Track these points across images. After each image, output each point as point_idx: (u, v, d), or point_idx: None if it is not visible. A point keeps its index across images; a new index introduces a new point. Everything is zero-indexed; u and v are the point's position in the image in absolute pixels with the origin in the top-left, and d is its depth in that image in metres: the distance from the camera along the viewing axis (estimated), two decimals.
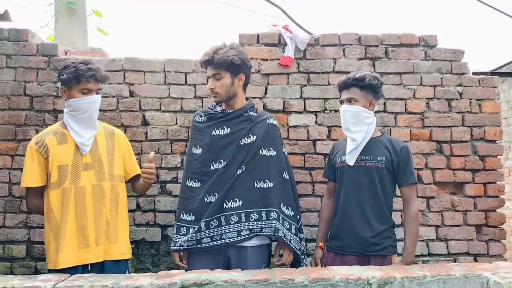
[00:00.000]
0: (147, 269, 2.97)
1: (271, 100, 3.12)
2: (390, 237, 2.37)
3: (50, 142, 2.24)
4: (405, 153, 2.39)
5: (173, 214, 3.01)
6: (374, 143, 2.40)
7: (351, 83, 2.38)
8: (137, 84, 3.09)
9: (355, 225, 2.34)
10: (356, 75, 2.38)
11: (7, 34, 3.05)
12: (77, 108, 2.25)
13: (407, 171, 2.39)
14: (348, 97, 2.38)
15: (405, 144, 2.47)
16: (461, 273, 1.59)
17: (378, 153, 2.37)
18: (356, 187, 2.37)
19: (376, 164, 2.36)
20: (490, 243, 3.08)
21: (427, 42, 3.20)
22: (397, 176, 2.40)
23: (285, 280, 1.52)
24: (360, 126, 2.36)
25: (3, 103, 3.02)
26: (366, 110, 2.38)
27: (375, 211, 2.34)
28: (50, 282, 1.53)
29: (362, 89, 2.37)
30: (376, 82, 2.39)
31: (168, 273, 1.62)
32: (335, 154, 2.54)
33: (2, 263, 2.93)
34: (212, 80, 2.33)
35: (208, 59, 2.29)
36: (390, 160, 2.36)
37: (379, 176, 2.35)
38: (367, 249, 2.32)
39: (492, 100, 3.18)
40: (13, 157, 2.98)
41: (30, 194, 2.30)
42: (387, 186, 2.39)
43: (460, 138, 3.14)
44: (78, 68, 2.22)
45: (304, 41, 3.13)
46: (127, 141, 2.50)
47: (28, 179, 2.24)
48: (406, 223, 2.39)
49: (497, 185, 3.13)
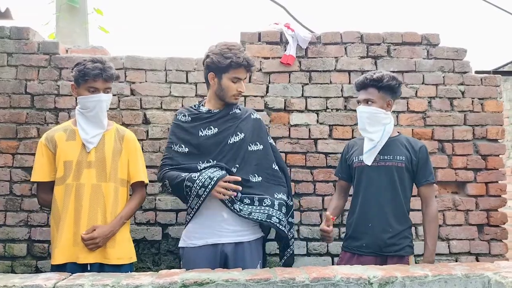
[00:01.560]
0: (148, 268, 2.97)
1: (273, 98, 3.11)
2: (408, 238, 2.36)
3: (59, 138, 2.29)
4: (424, 152, 2.38)
5: (174, 213, 3.01)
6: (393, 143, 2.38)
7: (369, 84, 2.35)
8: (138, 83, 3.09)
9: (374, 225, 2.32)
10: (374, 75, 2.35)
11: (8, 32, 3.05)
12: (84, 106, 2.29)
13: (427, 170, 2.38)
14: (365, 98, 2.36)
15: (423, 143, 2.46)
16: (463, 273, 1.58)
17: (398, 153, 2.35)
18: (376, 187, 2.35)
19: (396, 164, 2.34)
20: (492, 243, 3.07)
21: (429, 40, 3.19)
22: (416, 176, 2.38)
23: (286, 279, 1.52)
24: (376, 127, 2.34)
25: (4, 101, 3.02)
26: (383, 111, 2.35)
27: (395, 211, 2.32)
28: (51, 281, 1.53)
29: (380, 89, 2.34)
30: (395, 83, 2.37)
31: (169, 272, 1.62)
32: (351, 154, 2.49)
33: (2, 261, 2.93)
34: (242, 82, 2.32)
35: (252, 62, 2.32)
36: (410, 159, 2.35)
37: (399, 175, 2.33)
38: (385, 249, 2.29)
39: (494, 99, 3.17)
40: (14, 155, 2.98)
41: (39, 188, 2.38)
42: (406, 186, 2.37)
43: (462, 137, 3.13)
44: (86, 67, 2.25)
45: (306, 40, 3.12)
46: (137, 145, 2.44)
47: (37, 173, 2.32)
48: (426, 223, 2.38)
49: (499, 184, 3.12)
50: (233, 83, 2.26)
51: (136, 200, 2.40)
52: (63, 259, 2.16)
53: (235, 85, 2.27)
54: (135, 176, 2.40)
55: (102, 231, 2.20)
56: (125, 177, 2.36)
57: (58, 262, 2.15)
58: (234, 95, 2.30)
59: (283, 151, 3.06)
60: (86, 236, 2.17)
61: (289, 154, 3.07)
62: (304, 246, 3.03)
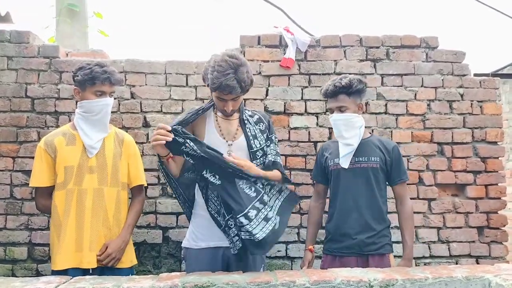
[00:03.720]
0: (148, 271, 2.97)
1: (272, 101, 3.12)
2: (387, 236, 2.39)
3: (58, 143, 2.26)
4: (396, 152, 2.43)
5: (174, 216, 3.01)
6: (366, 144, 2.42)
7: (339, 91, 2.36)
8: (138, 86, 3.10)
9: (353, 227, 2.35)
10: (342, 82, 2.36)
11: (8, 36, 3.06)
12: (90, 110, 2.26)
13: (401, 169, 2.43)
14: (338, 106, 2.38)
15: (395, 143, 2.51)
16: (463, 275, 1.58)
17: (372, 154, 2.39)
18: (353, 189, 2.37)
19: (371, 165, 2.37)
20: (492, 245, 3.08)
21: (428, 43, 3.20)
22: (390, 175, 2.42)
23: (286, 282, 1.52)
24: (352, 131, 2.37)
25: (5, 105, 3.02)
26: (356, 115, 2.39)
27: (372, 211, 2.35)
28: (52, 284, 1.53)
29: (350, 95, 2.37)
30: (362, 86, 2.40)
31: (170, 275, 1.62)
32: (326, 157, 2.51)
33: (3, 265, 2.93)
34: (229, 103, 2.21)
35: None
36: (384, 159, 2.39)
37: (375, 176, 2.37)
38: (365, 249, 2.33)
39: (493, 102, 3.18)
40: (14, 159, 2.99)
41: (38, 194, 2.33)
42: (382, 186, 2.41)
43: (462, 140, 3.14)
44: (93, 70, 2.23)
45: (305, 43, 3.13)
46: (136, 148, 2.46)
47: (36, 179, 2.28)
48: (402, 220, 2.40)
49: (498, 187, 3.13)
50: (219, 101, 2.20)
51: (138, 204, 2.42)
52: (65, 264, 2.14)
53: (221, 103, 2.21)
54: (136, 180, 2.40)
55: (115, 245, 2.24)
56: (126, 181, 2.36)
57: (60, 268, 2.13)
58: (222, 111, 2.25)
59: (283, 154, 3.06)
60: (102, 256, 2.20)
61: (289, 157, 3.08)
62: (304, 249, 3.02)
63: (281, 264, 3.02)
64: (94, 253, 2.19)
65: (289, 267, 3.01)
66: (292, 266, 3.02)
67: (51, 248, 2.26)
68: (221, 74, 2.08)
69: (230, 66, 2.09)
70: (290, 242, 3.04)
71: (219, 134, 2.26)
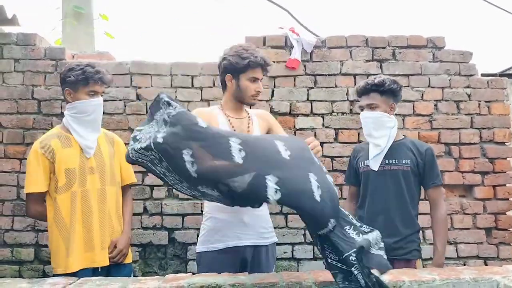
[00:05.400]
0: (154, 272, 2.97)
1: (278, 102, 3.11)
2: (415, 242, 2.34)
3: (55, 146, 2.21)
4: (430, 155, 2.36)
5: (180, 217, 3.01)
6: (398, 146, 2.36)
7: (371, 89, 2.34)
8: (144, 88, 3.10)
9: (380, 230, 2.30)
10: (375, 80, 2.34)
11: (15, 38, 3.08)
12: (83, 110, 2.23)
13: (434, 173, 2.36)
14: (368, 103, 2.35)
15: (429, 145, 2.43)
16: (471, 277, 1.56)
17: (403, 156, 2.34)
18: (382, 191, 2.33)
19: (402, 168, 2.32)
20: (500, 246, 3.05)
21: (435, 43, 3.18)
22: (423, 179, 2.36)
23: (292, 283, 1.51)
24: (382, 131, 2.33)
25: (11, 107, 3.04)
26: (387, 115, 2.34)
27: (401, 215, 2.30)
28: (58, 285, 1.53)
29: (382, 94, 2.34)
30: (396, 86, 2.36)
31: (176, 277, 1.61)
32: (357, 159, 2.48)
33: (10, 266, 2.94)
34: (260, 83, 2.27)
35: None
36: (416, 162, 2.33)
37: (405, 179, 2.32)
38: (392, 253, 2.25)
39: (501, 102, 3.16)
40: (21, 160, 3.00)
41: (33, 200, 2.24)
42: (413, 189, 2.35)
43: (469, 140, 3.11)
44: (85, 71, 2.21)
45: (311, 44, 3.12)
46: (126, 148, 2.47)
47: (33, 184, 2.19)
48: (435, 225, 2.35)
49: (506, 187, 3.10)
50: (251, 83, 2.24)
51: (131, 202, 2.48)
52: (78, 266, 2.14)
53: (253, 85, 2.24)
54: (128, 178, 2.43)
55: (123, 241, 2.29)
56: (119, 179, 2.38)
57: (74, 270, 2.10)
58: (252, 95, 2.27)
59: None
60: (114, 253, 2.24)
61: None
62: (310, 251, 3.02)
63: (287, 266, 3.01)
64: (105, 251, 2.21)
65: (295, 269, 3.00)
66: (298, 267, 3.01)
67: (55, 252, 2.20)
68: (255, 50, 2.21)
69: (254, 47, 2.24)
70: (296, 243, 3.03)
71: None
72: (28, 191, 2.21)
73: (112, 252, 2.24)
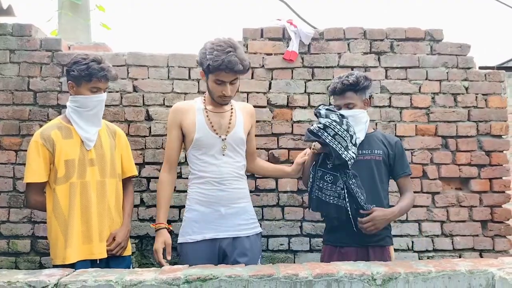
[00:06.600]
0: (151, 264, 2.97)
1: (275, 95, 3.10)
2: (387, 229, 2.41)
3: (56, 137, 2.21)
4: (400, 147, 2.48)
5: (177, 210, 3.01)
6: (371, 138, 2.46)
7: (347, 88, 2.40)
8: (141, 79, 3.09)
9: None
10: (349, 79, 2.40)
11: (10, 29, 3.05)
12: (85, 105, 2.24)
13: (404, 163, 2.47)
14: (346, 103, 2.42)
15: (398, 138, 2.56)
16: (467, 269, 1.57)
17: (376, 147, 2.43)
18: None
19: (374, 157, 2.41)
20: (496, 239, 3.07)
21: (433, 36, 3.17)
22: (393, 169, 2.45)
23: (289, 275, 1.52)
24: (360, 126, 2.42)
25: (7, 98, 3.02)
26: (362, 111, 2.44)
27: (374, 203, 2.35)
28: (55, 277, 1.53)
29: (357, 92, 2.42)
30: (368, 83, 2.45)
31: (172, 268, 1.62)
32: None
33: (6, 257, 2.94)
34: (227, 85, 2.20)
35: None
36: (387, 153, 2.43)
37: (378, 168, 2.41)
38: (366, 240, 2.32)
39: (498, 95, 3.16)
40: (17, 152, 2.99)
41: (33, 190, 2.25)
42: (384, 179, 2.44)
43: (466, 133, 3.12)
44: (90, 66, 2.19)
45: (309, 36, 3.11)
46: (127, 141, 2.49)
47: (34, 174, 2.19)
48: (402, 198, 2.45)
49: (503, 180, 3.11)
50: (217, 85, 2.18)
51: (132, 194, 2.48)
52: (76, 257, 2.14)
53: (219, 87, 2.17)
54: (129, 171, 2.44)
55: (122, 234, 2.30)
56: (120, 172, 2.38)
57: (72, 261, 2.12)
58: (220, 97, 2.22)
59: (286, 148, 3.06)
60: (112, 246, 2.24)
61: (292, 150, 3.07)
62: (307, 242, 3.03)
63: (284, 258, 3.02)
64: (103, 244, 2.22)
65: (291, 261, 3.01)
66: (294, 259, 3.02)
67: (54, 243, 2.21)
68: (222, 52, 2.09)
69: (229, 45, 2.12)
70: (293, 235, 3.03)
71: (211, 130, 2.25)
72: (28, 181, 2.21)
73: (111, 245, 2.24)
